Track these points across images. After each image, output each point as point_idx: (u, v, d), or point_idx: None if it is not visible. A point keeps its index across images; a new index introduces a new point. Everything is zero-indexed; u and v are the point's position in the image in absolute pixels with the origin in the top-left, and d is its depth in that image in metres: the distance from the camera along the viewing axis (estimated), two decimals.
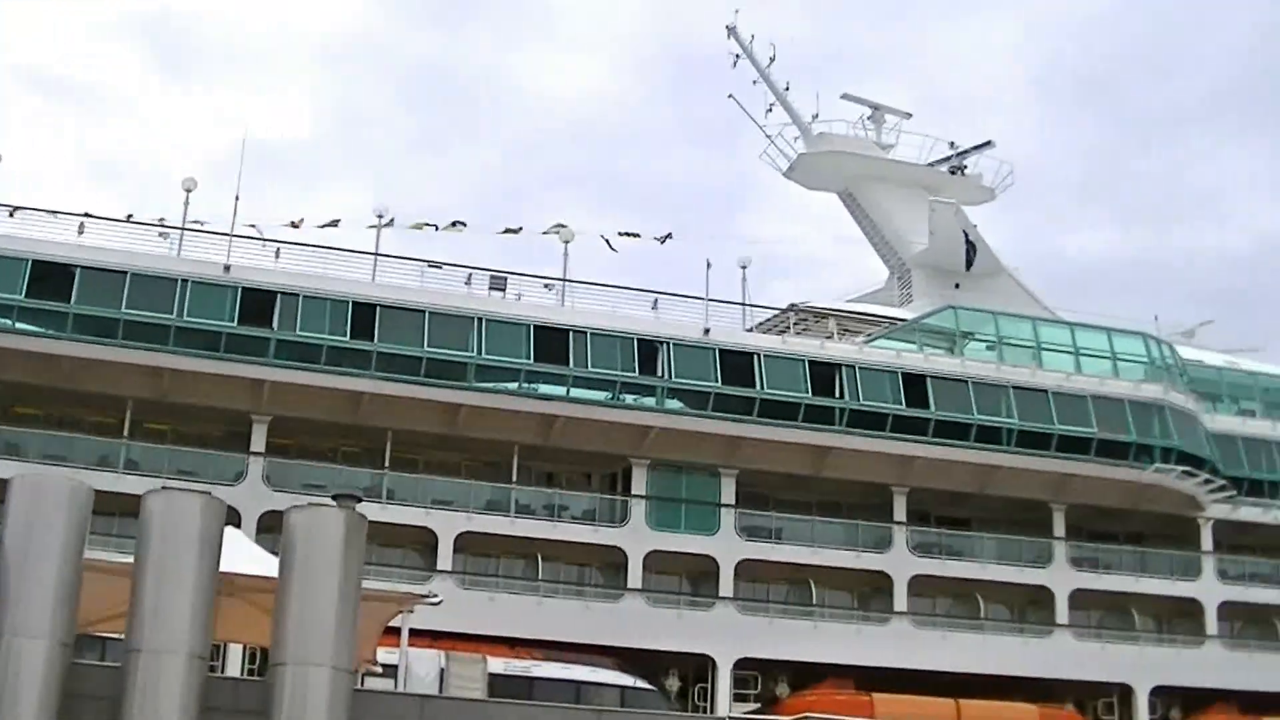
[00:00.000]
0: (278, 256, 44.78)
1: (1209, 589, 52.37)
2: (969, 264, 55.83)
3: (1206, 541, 53.15)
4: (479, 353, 43.94)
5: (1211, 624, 51.96)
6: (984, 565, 49.56)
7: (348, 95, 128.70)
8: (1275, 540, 54.65)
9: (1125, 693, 49.64)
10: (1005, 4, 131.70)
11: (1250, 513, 53.87)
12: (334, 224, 46.74)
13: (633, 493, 45.90)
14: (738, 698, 44.90)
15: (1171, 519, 52.61)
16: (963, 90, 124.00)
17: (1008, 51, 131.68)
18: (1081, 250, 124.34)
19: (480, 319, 44.38)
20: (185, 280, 42.36)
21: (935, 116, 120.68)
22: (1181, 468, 50.61)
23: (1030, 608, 50.96)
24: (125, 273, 41.95)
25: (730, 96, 60.28)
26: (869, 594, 48.99)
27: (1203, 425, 52.94)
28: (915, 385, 48.23)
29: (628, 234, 50.81)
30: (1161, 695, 50.10)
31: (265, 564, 23.38)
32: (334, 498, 25.08)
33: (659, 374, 45.62)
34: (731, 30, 60.49)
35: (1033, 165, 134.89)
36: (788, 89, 60.68)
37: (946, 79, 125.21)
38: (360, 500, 25.17)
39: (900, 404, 47.68)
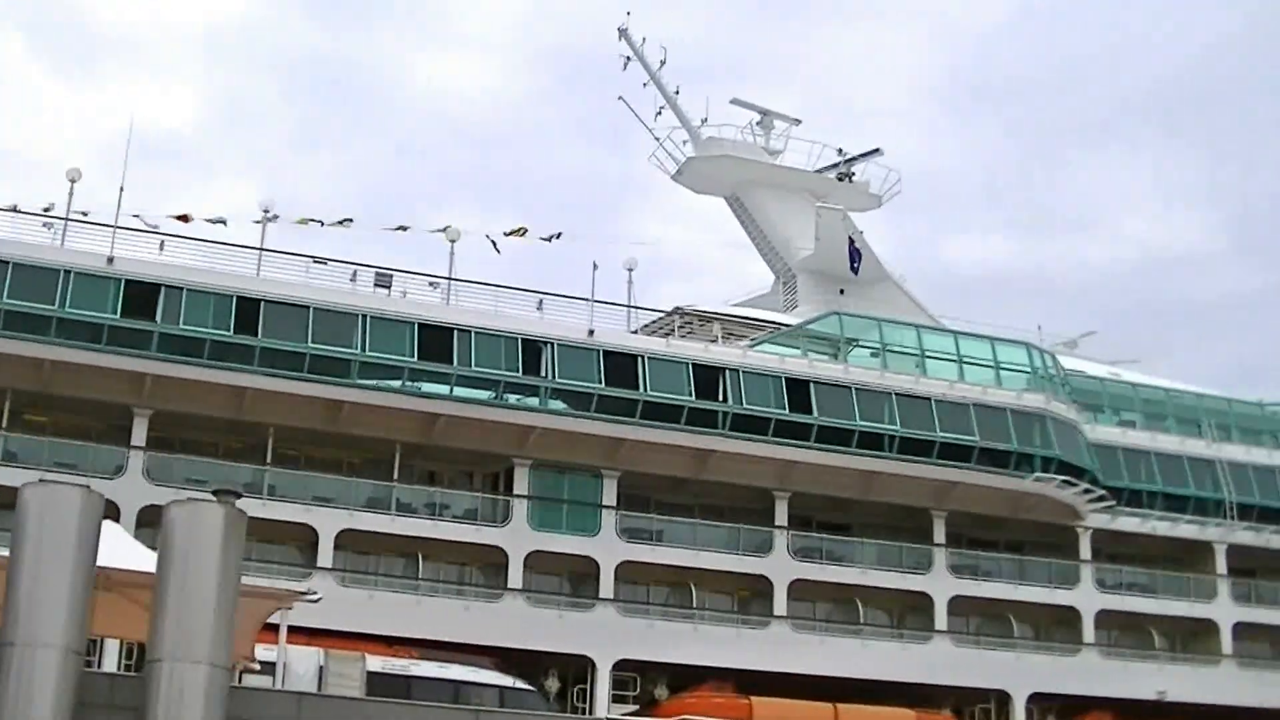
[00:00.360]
0: (162, 249, 45.00)
1: (1087, 597, 54.14)
2: (854, 269, 57.27)
3: (1085, 550, 54.95)
4: (363, 350, 44.53)
5: (1089, 632, 53.77)
6: (864, 570, 50.75)
7: (235, 88, 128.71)
8: (1152, 550, 56.75)
9: (1002, 699, 51.12)
10: (899, 13, 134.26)
11: (1129, 522, 55.72)
12: (220, 222, 47.05)
13: (514, 493, 46.70)
14: (616, 699, 45.95)
15: (1051, 528, 54.34)
16: (854, 98, 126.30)
17: (899, 59, 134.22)
18: (969, 259, 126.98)
19: (365, 316, 44.94)
20: (68, 271, 42.60)
21: (826, 123, 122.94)
22: (1061, 477, 52.19)
23: (909, 613, 52.16)
24: (8, 263, 42.15)
25: (620, 99, 61.54)
26: (749, 597, 50.03)
27: (1083, 435, 54.61)
28: (799, 390, 49.31)
29: (515, 233, 51.58)
30: (1038, 701, 51.72)
31: (144, 559, 23.52)
32: (214, 493, 25.00)
33: (542, 374, 46.41)
34: (623, 32, 61.72)
35: (922, 174, 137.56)
36: (678, 92, 62.09)
37: (838, 86, 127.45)
38: (240, 496, 25.15)
39: (783, 409, 48.73)
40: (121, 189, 44.74)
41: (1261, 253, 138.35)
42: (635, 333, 50.19)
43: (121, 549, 24.09)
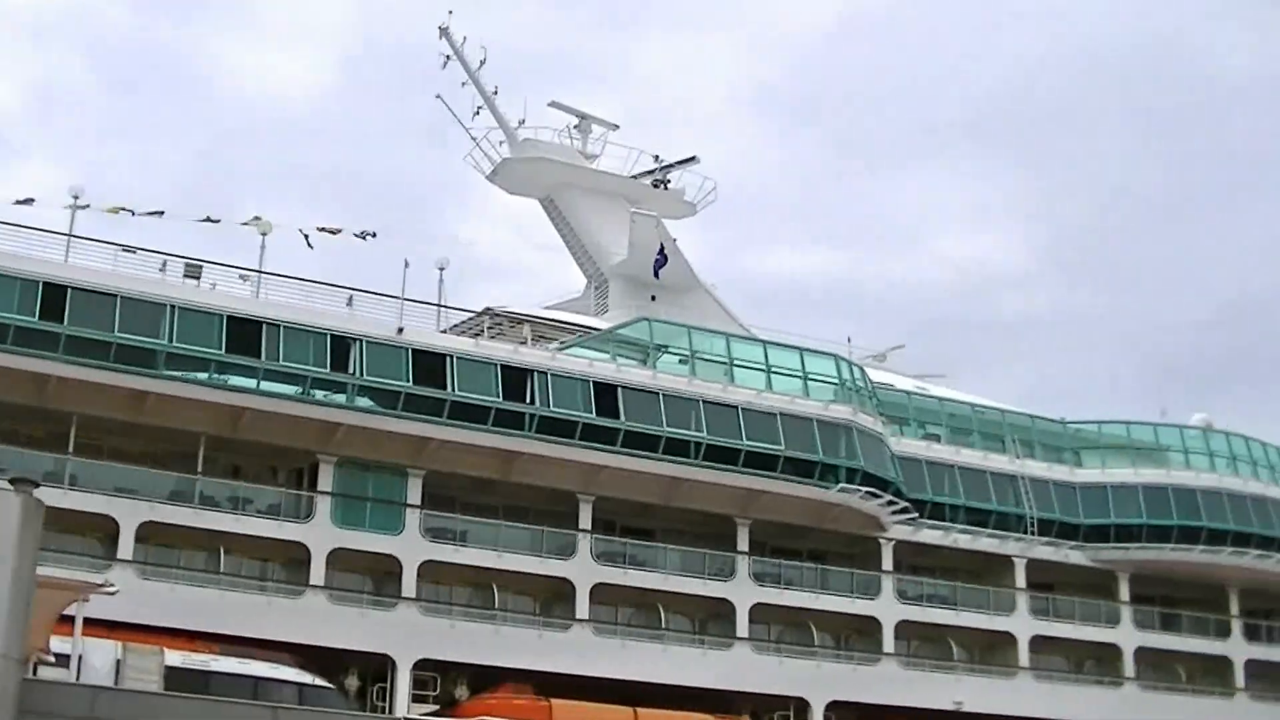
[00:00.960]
0: None
1: (887, 608, 57.22)
2: (656, 272, 60.18)
3: (887, 561, 57.85)
4: (170, 340, 45.41)
5: (888, 642, 56.78)
6: (667, 576, 53.04)
7: (53, 73, 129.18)
8: (953, 562, 60.15)
9: (801, 706, 53.92)
10: (721, 23, 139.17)
11: (931, 535, 58.98)
12: (28, 202, 47.53)
13: (319, 489, 48.10)
14: (416, 698, 47.31)
15: (854, 538, 57.32)
16: (672, 105, 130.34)
17: (719, 69, 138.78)
18: (782, 270, 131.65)
19: (173, 306, 45.79)
20: None
21: (644, 130, 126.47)
22: (866, 488, 55.06)
23: (711, 620, 54.68)
24: None
25: (438, 97, 63.67)
26: (551, 600, 52.02)
27: (889, 448, 57.71)
28: (606, 395, 51.46)
29: (327, 229, 53.09)
30: (837, 710, 54.48)
31: None
32: (11, 481, 25.48)
33: (350, 371, 47.83)
34: (444, 31, 63.75)
35: (739, 184, 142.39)
36: (496, 93, 64.42)
37: (657, 93, 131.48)
38: (38, 485, 26.08)
39: (590, 413, 50.85)
40: None
41: (1070, 274, 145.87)
42: (445, 332, 51.83)
43: None
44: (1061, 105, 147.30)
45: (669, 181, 66.90)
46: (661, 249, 60.64)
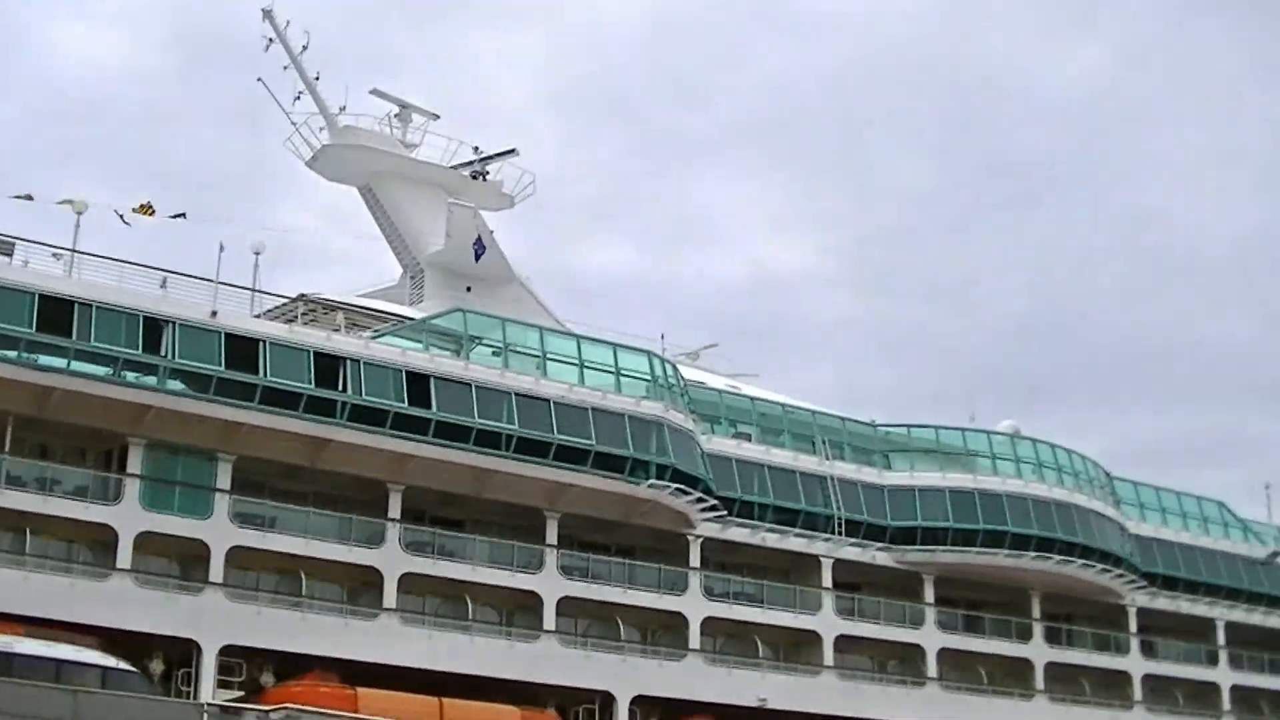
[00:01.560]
0: None
1: (694, 604, 60.06)
2: (476, 256, 62.91)
3: (695, 558, 60.76)
4: None
5: (694, 638, 59.60)
6: (475, 567, 55.30)
7: None
8: (761, 561, 63.35)
9: (607, 700, 56.46)
10: (539, 18, 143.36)
11: (739, 533, 62.06)
12: None
13: (128, 471, 49.34)
14: (221, 684, 48.62)
15: (663, 534, 60.18)
16: (492, 98, 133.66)
17: (537, 64, 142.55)
18: (598, 266, 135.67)
19: None
20: None
21: (465, 121, 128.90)
22: (675, 485, 57.87)
23: (519, 612, 57.05)
24: None
25: (259, 80, 65.74)
26: (359, 589, 53.86)
27: (699, 445, 60.60)
28: (418, 384, 53.47)
29: (142, 209, 54.85)
30: (642, 704, 57.22)
31: None
32: None
33: (162, 353, 49.19)
34: (267, 14, 65.88)
35: (557, 179, 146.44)
36: (318, 78, 66.74)
37: (478, 85, 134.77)
38: None
39: (402, 402, 52.79)
40: None
41: (877, 279, 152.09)
42: (259, 317, 53.36)
43: None
44: (867, 111, 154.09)
45: (488, 173, 69.73)
46: (479, 239, 63.15)
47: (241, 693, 49.30)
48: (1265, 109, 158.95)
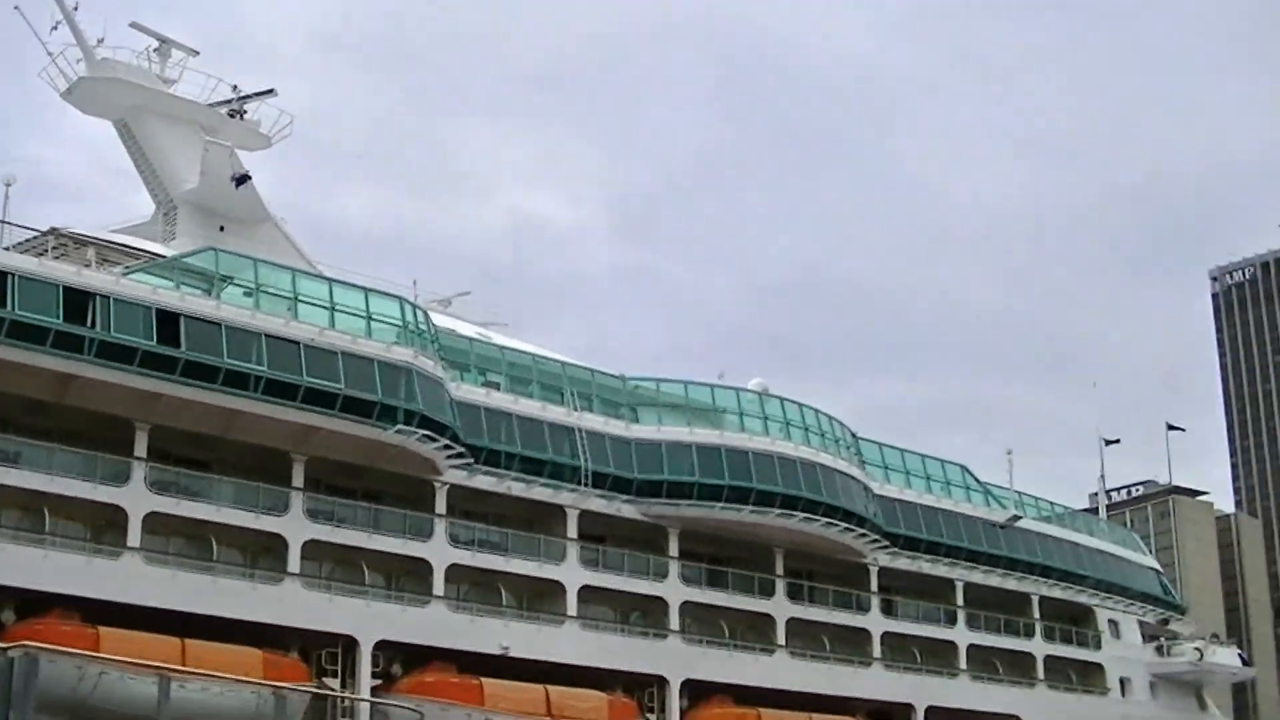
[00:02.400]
0: None
1: (439, 551, 62.41)
2: (236, 181, 64.71)
3: (441, 505, 63.04)
4: None
5: (439, 585, 61.93)
6: (220, 509, 56.88)
7: None
8: (506, 509, 65.95)
9: (350, 644, 58.56)
10: None
11: (485, 481, 64.45)
12: None
13: None
14: None
15: (410, 480, 62.33)
16: (254, 37, 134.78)
17: (303, 6, 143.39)
18: (356, 211, 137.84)
19: None
20: None
21: (225, 59, 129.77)
22: (423, 431, 59.81)
23: (263, 554, 58.78)
24: None
25: (16, 8, 66.36)
26: (103, 527, 54.92)
27: (448, 393, 62.56)
28: (168, 323, 54.53)
29: None
30: (385, 649, 59.42)
31: None
32: None
33: None
34: None
35: (317, 122, 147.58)
36: (76, 8, 67.46)
37: (240, 23, 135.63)
38: None
39: (151, 340, 53.86)
40: None
41: (636, 235, 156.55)
42: (8, 250, 54.22)
43: None
44: (642, 74, 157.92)
45: (245, 112, 71.19)
46: (236, 176, 64.65)
47: None
48: (1036, 87, 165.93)
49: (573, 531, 67.33)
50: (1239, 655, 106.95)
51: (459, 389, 64.31)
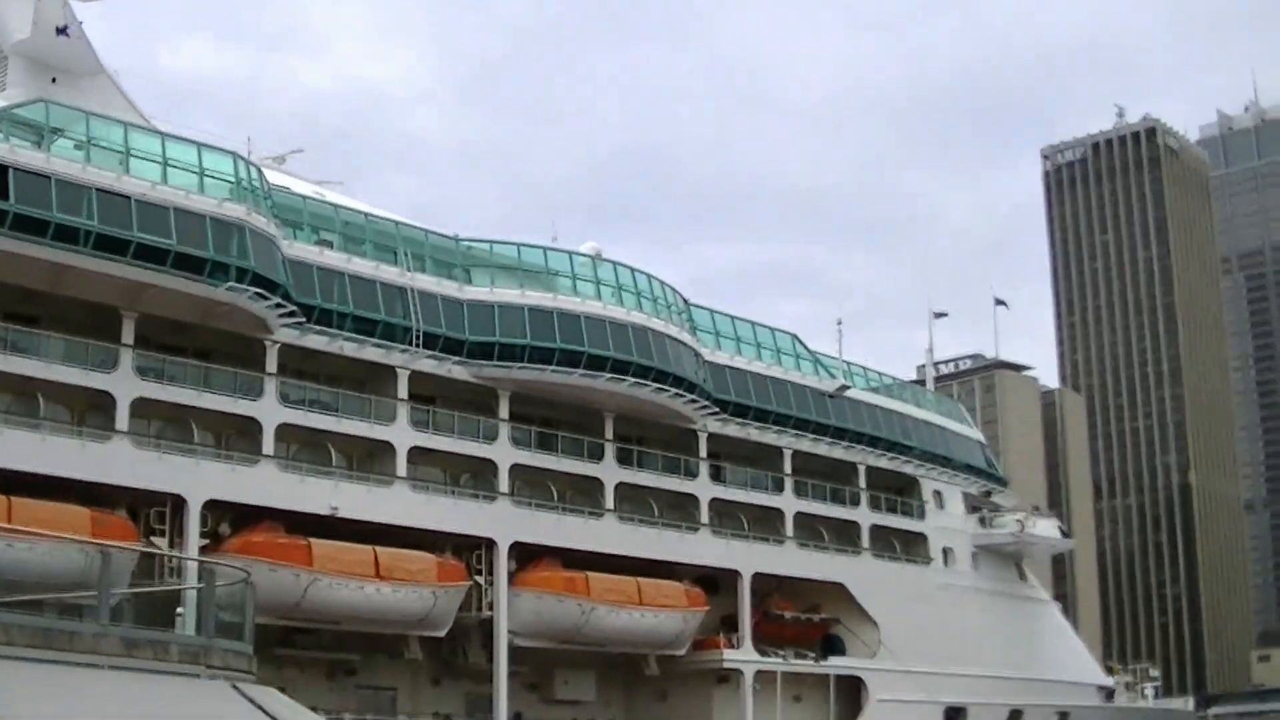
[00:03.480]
0: None
1: (269, 410, 63.76)
2: (59, 31, 64.40)
3: (271, 364, 64.17)
4: None
5: (269, 444, 63.44)
6: (49, 365, 57.34)
7: None
8: (338, 369, 67.46)
9: (179, 503, 59.70)
10: None
11: (317, 340, 65.68)
12: None
13: None
14: None
15: (240, 339, 63.42)
16: None
17: None
18: (191, 65, 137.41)
19: None
20: None
21: None
22: (254, 289, 60.70)
23: (91, 411, 59.48)
24: None
25: None
26: None
27: (281, 251, 63.52)
28: None
29: None
30: (214, 509, 61.05)
31: None
32: None
33: None
34: None
35: None
36: None
37: None
38: None
39: None
40: None
41: (473, 100, 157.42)
42: None
43: None
44: None
45: None
46: (63, 27, 64.79)
47: None
48: None
49: (403, 392, 68.63)
50: (1059, 528, 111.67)
51: (291, 247, 65.13)
